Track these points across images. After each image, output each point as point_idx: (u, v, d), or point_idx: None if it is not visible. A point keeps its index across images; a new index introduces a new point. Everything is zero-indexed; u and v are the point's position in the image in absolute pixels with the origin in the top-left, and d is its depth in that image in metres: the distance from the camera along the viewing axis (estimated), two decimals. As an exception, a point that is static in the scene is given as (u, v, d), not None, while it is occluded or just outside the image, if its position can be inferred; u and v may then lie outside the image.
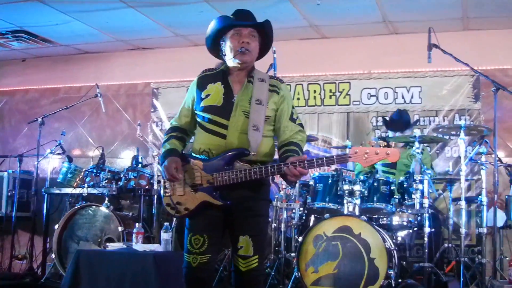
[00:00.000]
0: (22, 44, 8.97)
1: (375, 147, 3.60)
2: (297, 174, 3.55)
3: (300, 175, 3.58)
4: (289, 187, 6.54)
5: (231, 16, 3.96)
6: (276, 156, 3.97)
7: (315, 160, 3.57)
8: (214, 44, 4.00)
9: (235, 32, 3.87)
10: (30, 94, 9.78)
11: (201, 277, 3.80)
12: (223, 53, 3.96)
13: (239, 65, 3.89)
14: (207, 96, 3.88)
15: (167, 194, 3.90)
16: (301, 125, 3.97)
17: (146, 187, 7.25)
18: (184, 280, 3.85)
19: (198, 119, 3.94)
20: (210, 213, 3.79)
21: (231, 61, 3.91)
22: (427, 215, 5.74)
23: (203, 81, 3.97)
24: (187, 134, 4.08)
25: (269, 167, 3.63)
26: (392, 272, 5.35)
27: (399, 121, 7.14)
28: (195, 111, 3.95)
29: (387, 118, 7.37)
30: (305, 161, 3.56)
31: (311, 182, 6.32)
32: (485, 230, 6.26)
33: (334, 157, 3.57)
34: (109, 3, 7.23)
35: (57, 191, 7.74)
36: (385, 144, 3.80)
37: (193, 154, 3.90)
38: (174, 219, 6.18)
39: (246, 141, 3.74)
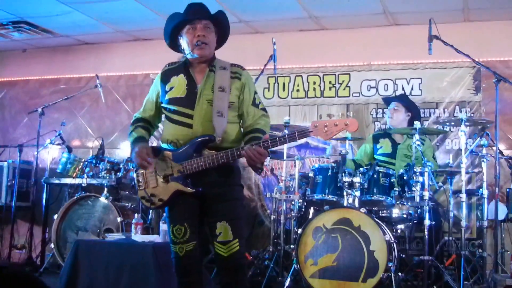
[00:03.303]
0: (23, 35, 8.94)
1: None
2: (253, 155, 3.63)
3: (261, 156, 3.66)
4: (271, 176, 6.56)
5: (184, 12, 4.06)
6: None
7: (277, 138, 3.65)
8: (172, 41, 4.13)
9: (190, 27, 3.98)
10: (30, 85, 9.76)
11: (189, 263, 3.89)
12: (182, 48, 4.09)
13: (198, 58, 4.00)
14: (171, 88, 3.99)
15: (141, 187, 4.01)
16: (264, 109, 4.07)
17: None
18: (174, 270, 3.95)
19: (165, 112, 4.05)
20: (186, 202, 3.88)
21: (190, 55, 4.01)
22: (427, 207, 5.71)
23: (167, 74, 4.09)
24: (151, 126, 4.20)
25: (234, 150, 3.71)
26: (392, 265, 5.33)
27: (404, 95, 7.29)
28: (161, 104, 4.06)
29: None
30: (268, 140, 3.66)
31: (311, 174, 6.29)
32: (486, 223, 6.25)
33: (296, 133, 3.63)
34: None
35: (57, 181, 7.75)
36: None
37: (162, 146, 4.01)
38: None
39: (212, 128, 3.83)
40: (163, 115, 4.15)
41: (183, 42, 4.05)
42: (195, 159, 3.78)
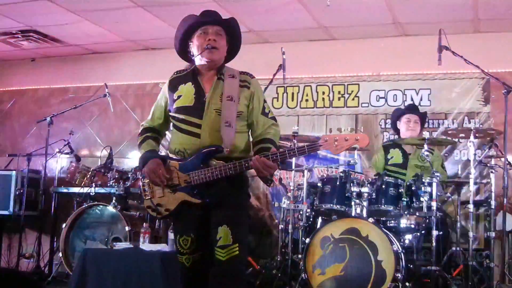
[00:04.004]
0: (32, 44, 8.98)
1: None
2: (261, 168, 3.58)
3: (269, 169, 3.61)
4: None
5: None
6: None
7: (287, 151, 3.63)
8: (183, 47, 4.05)
9: (202, 31, 3.92)
10: (39, 94, 9.79)
11: (196, 274, 3.83)
12: (192, 54, 4.00)
13: (207, 63, 3.92)
14: (179, 97, 3.92)
15: (147, 197, 3.93)
16: (273, 118, 4.00)
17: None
18: (181, 281, 3.92)
19: (173, 120, 3.99)
20: (192, 212, 3.81)
21: (199, 60, 3.94)
22: (435, 218, 5.71)
23: (174, 82, 4.02)
24: (160, 135, 4.15)
25: (243, 162, 3.65)
26: (399, 275, 5.32)
27: (413, 105, 7.24)
28: (169, 113, 4.01)
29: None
30: (277, 153, 3.62)
31: (319, 184, 6.29)
32: (493, 234, 6.23)
33: (305, 146, 3.62)
34: (118, 3, 7.23)
35: (65, 191, 7.75)
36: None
37: (169, 155, 3.95)
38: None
39: (220, 138, 3.75)
40: (171, 124, 4.10)
41: (193, 47, 3.97)
42: (203, 170, 3.72)
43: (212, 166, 3.71)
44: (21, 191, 8.19)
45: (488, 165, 6.26)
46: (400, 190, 6.10)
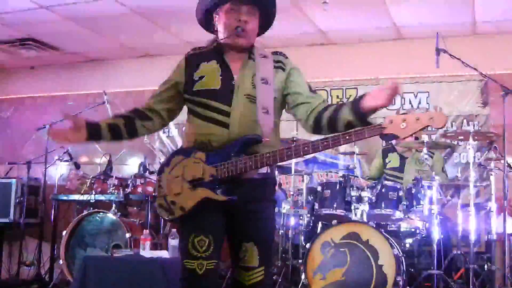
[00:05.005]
0: (31, 52, 8.99)
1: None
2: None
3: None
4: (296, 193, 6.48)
5: None
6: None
7: (341, 136, 2.97)
8: (206, 16, 3.42)
9: (232, 7, 3.27)
10: (38, 102, 9.80)
11: (208, 286, 3.14)
12: (216, 28, 3.39)
13: (233, 47, 3.34)
14: (201, 78, 3.28)
15: (161, 194, 3.29)
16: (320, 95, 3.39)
17: (153, 194, 7.24)
18: None
19: (190, 105, 3.34)
20: (212, 213, 3.17)
21: (224, 41, 3.33)
22: (435, 221, 5.71)
23: (194, 60, 3.38)
24: (147, 119, 3.44)
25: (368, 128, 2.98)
26: (400, 279, 5.31)
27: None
28: (186, 96, 3.35)
29: None
30: (329, 138, 3.01)
31: (319, 189, 6.28)
32: (494, 237, 6.22)
33: (365, 129, 2.96)
34: (116, 10, 7.24)
35: (65, 198, 7.75)
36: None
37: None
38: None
39: (251, 129, 3.19)
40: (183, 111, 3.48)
41: (220, 22, 3.34)
42: (233, 160, 3.11)
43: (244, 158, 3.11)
44: (21, 199, 8.18)
45: (488, 167, 6.26)
46: (400, 194, 6.10)
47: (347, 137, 2.96)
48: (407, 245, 6.24)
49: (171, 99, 3.43)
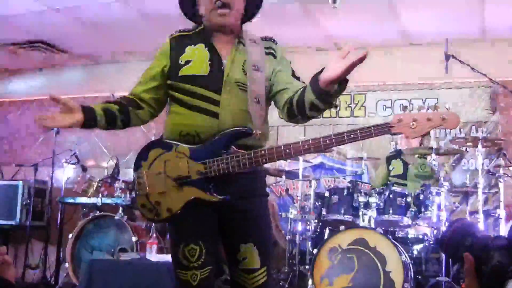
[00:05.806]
0: (40, 54, 9.01)
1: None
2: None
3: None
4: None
5: None
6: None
7: (345, 134, 2.71)
8: (189, 3, 3.21)
9: None
10: (46, 104, 9.81)
11: None
12: (200, 14, 3.14)
13: (218, 28, 3.07)
14: (187, 62, 3.03)
15: (141, 192, 3.02)
16: (304, 83, 3.04)
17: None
18: None
19: (174, 93, 3.07)
20: (202, 215, 2.95)
21: (208, 23, 3.09)
22: (444, 228, 5.67)
23: (179, 42, 3.15)
24: (138, 107, 3.22)
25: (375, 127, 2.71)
26: (408, 286, 5.28)
27: None
28: (169, 82, 3.10)
29: None
30: (332, 137, 2.72)
31: (326, 194, 6.27)
32: (502, 244, 6.17)
33: (372, 128, 2.70)
34: (125, 14, 7.25)
35: (72, 201, 7.75)
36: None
37: (168, 141, 3.07)
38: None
39: (243, 119, 2.94)
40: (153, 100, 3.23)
41: (200, 7, 3.11)
42: (225, 157, 2.84)
43: (236, 153, 2.87)
44: (28, 201, 8.18)
45: (497, 174, 6.23)
46: (408, 200, 6.07)
47: (352, 136, 2.71)
48: (415, 252, 6.20)
49: (160, 88, 3.18)
